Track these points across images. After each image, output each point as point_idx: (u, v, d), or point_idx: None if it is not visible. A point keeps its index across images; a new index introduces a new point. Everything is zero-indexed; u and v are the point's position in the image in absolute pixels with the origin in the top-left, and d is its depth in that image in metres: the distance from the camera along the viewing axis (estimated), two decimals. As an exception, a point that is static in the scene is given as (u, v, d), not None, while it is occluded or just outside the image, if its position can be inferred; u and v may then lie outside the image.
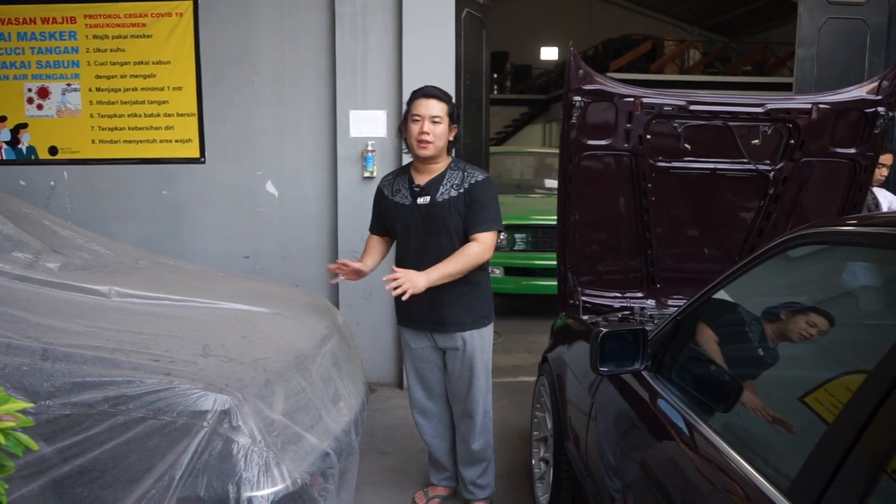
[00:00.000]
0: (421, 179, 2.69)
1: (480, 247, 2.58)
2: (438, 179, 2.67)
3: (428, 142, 2.59)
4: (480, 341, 2.75)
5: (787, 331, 1.70)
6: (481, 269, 2.71)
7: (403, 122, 2.70)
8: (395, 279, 2.43)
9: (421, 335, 2.79)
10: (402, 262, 2.68)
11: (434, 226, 2.63)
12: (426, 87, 2.70)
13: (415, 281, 2.45)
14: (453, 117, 2.67)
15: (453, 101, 2.72)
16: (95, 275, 2.59)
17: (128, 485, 1.74)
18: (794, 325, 1.67)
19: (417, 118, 2.61)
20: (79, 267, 2.66)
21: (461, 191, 2.63)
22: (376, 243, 2.87)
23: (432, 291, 2.55)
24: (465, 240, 2.62)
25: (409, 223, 2.68)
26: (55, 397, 1.75)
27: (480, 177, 2.66)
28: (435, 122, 2.60)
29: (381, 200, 2.80)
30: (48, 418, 1.73)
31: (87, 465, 1.74)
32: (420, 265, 2.57)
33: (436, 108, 2.61)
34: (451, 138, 2.69)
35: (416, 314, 2.72)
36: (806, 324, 1.64)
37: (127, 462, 1.75)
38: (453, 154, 2.83)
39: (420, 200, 2.66)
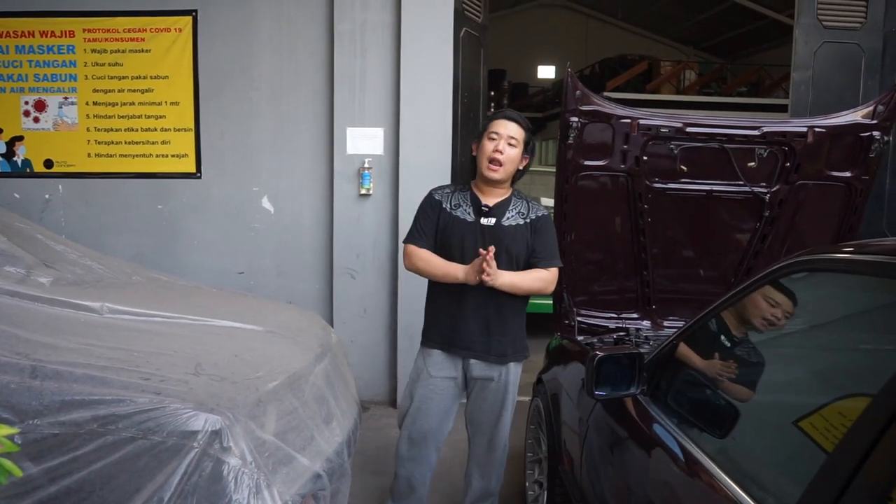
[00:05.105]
0: (488, 200, 2.61)
1: (550, 276, 2.58)
2: (505, 204, 2.61)
3: (500, 162, 2.54)
4: (515, 373, 2.68)
5: (780, 354, 1.69)
6: (525, 302, 2.68)
7: (478, 140, 2.64)
8: (487, 263, 2.38)
9: (451, 362, 2.64)
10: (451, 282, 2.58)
11: (495, 249, 2.50)
12: (508, 110, 2.69)
13: (498, 275, 2.43)
14: (528, 147, 2.61)
15: (531, 130, 2.67)
16: (87, 290, 2.56)
17: (115, 506, 1.71)
18: (789, 348, 1.66)
19: (495, 136, 2.56)
20: (71, 282, 2.63)
21: (527, 220, 2.60)
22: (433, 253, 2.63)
23: (490, 317, 2.51)
24: (525, 268, 2.58)
25: (466, 241, 2.56)
26: (43, 416, 1.72)
27: (545, 212, 2.66)
28: (511, 145, 2.55)
29: (438, 211, 2.63)
30: (36, 438, 1.70)
31: (75, 485, 1.70)
32: (470, 286, 2.50)
33: (514, 130, 2.56)
34: (522, 167, 2.63)
35: (460, 338, 2.59)
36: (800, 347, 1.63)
37: (115, 483, 1.72)
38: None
39: (484, 221, 2.58)
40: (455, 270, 2.52)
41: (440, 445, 2.79)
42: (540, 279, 2.56)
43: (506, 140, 2.55)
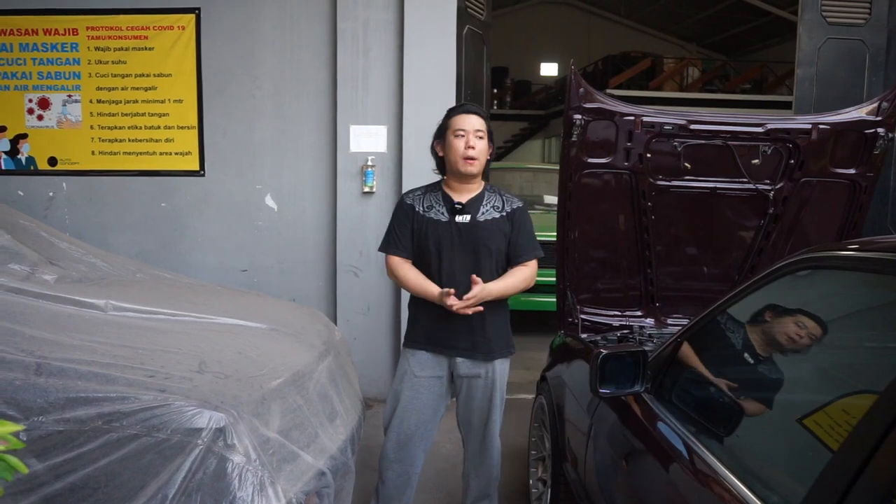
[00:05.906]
0: (461, 197, 2.57)
1: (531, 272, 2.58)
2: (478, 199, 2.58)
3: (474, 158, 2.51)
4: (502, 370, 2.66)
5: (788, 354, 1.68)
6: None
7: (438, 139, 2.60)
8: (472, 298, 2.40)
9: (436, 362, 2.61)
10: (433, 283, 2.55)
11: (472, 246, 2.52)
12: (465, 104, 2.67)
13: (485, 294, 2.44)
14: (490, 135, 2.60)
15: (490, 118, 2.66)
16: (92, 288, 2.57)
17: (120, 503, 1.71)
18: (794, 347, 1.66)
19: (461, 133, 2.52)
20: (75, 279, 2.64)
21: (503, 213, 2.57)
22: (412, 266, 2.61)
23: (473, 315, 2.48)
24: (506, 262, 2.59)
25: (442, 241, 2.54)
26: (48, 413, 1.73)
27: (520, 203, 2.63)
28: (479, 138, 2.53)
29: (411, 216, 2.59)
30: (41, 434, 1.71)
31: (79, 482, 1.71)
32: (454, 285, 2.47)
33: (479, 123, 2.54)
34: (490, 156, 2.61)
35: (445, 337, 2.56)
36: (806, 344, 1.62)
37: (120, 480, 1.72)
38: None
39: (459, 218, 2.54)
40: (430, 290, 2.51)
41: (427, 447, 2.75)
42: (523, 279, 2.57)
43: (473, 134, 2.52)
